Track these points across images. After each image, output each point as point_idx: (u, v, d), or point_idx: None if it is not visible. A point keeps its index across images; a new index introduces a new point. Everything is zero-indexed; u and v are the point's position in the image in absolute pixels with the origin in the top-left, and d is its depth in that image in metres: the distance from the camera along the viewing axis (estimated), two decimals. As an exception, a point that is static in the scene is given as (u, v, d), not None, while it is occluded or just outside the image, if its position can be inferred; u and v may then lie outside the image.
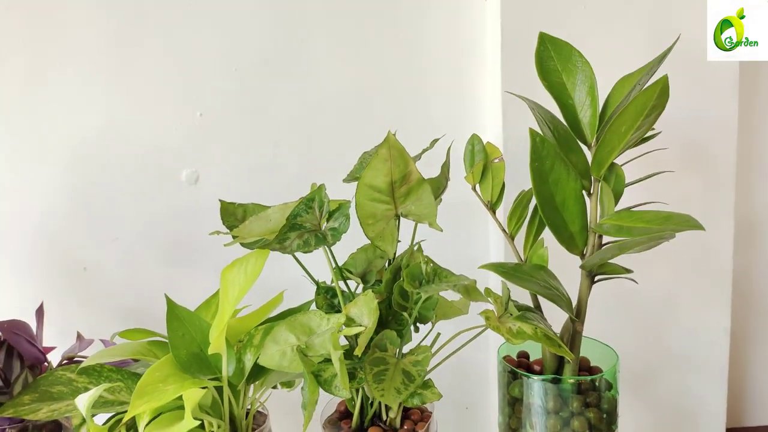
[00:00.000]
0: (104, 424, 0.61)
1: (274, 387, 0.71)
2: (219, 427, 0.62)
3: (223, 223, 0.68)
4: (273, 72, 0.84)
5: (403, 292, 0.58)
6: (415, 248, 0.61)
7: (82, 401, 0.55)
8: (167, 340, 0.67)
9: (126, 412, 0.61)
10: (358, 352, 0.57)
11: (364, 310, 0.57)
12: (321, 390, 0.57)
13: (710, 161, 0.83)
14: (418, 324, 0.60)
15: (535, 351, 0.71)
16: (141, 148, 0.85)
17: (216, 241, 0.85)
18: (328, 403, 0.71)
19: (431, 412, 0.69)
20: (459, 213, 0.78)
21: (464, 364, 0.93)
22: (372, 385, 0.54)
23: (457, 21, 0.83)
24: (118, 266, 0.86)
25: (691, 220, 0.52)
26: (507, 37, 0.77)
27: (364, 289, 0.60)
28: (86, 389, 0.62)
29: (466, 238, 0.87)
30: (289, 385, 0.72)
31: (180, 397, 0.58)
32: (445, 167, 0.66)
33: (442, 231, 0.57)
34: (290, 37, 0.83)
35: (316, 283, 0.68)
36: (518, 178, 0.66)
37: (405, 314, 0.58)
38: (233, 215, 0.68)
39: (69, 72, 0.81)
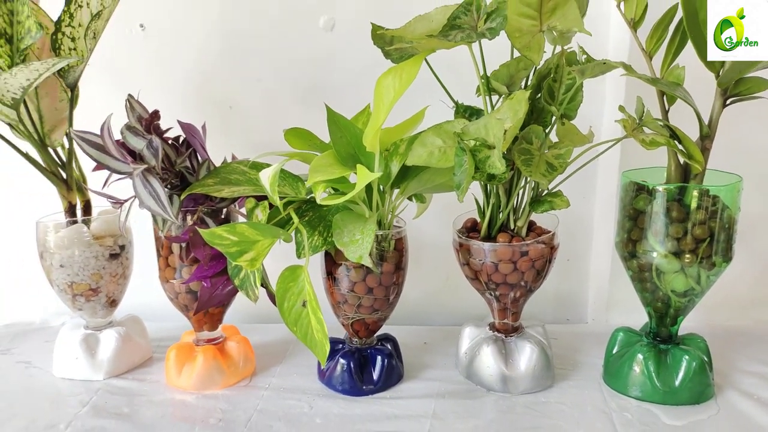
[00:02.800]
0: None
1: (409, 199, 0.78)
2: (369, 216, 0.70)
3: (375, 44, 0.74)
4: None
5: (550, 91, 0.63)
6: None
7: (266, 174, 0.64)
8: (320, 153, 0.75)
9: (289, 202, 0.71)
10: (503, 147, 0.63)
11: (509, 114, 0.63)
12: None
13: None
14: (563, 119, 0.65)
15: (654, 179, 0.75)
16: (283, -5, 0.92)
17: (348, 83, 0.93)
18: (457, 218, 0.79)
19: (553, 232, 0.75)
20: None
21: (569, 220, 0.99)
22: (522, 167, 0.60)
23: None
24: (260, 105, 0.95)
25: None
26: None
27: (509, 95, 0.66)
28: (257, 180, 0.71)
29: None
30: (421, 199, 0.80)
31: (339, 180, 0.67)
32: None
33: (591, 35, 0.61)
34: None
35: (456, 103, 0.75)
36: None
37: (553, 108, 0.63)
38: (382, 38, 0.75)
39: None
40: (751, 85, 0.64)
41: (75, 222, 0.79)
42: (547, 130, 0.64)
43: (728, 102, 0.67)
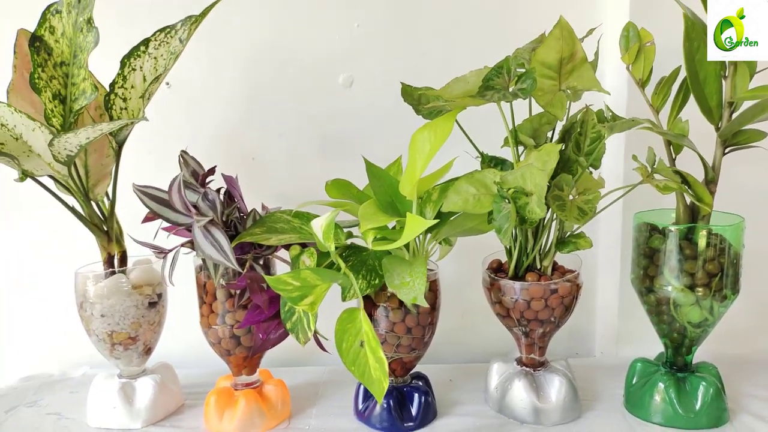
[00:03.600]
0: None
1: (440, 242, 0.84)
2: (412, 259, 0.75)
3: (405, 101, 0.81)
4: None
5: (577, 144, 0.70)
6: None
7: (318, 224, 0.68)
8: (357, 202, 0.80)
9: (335, 247, 0.75)
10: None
11: (537, 164, 0.70)
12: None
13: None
14: (590, 169, 0.72)
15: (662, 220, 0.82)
16: (305, 54, 0.98)
17: (365, 139, 0.99)
18: (484, 258, 0.84)
19: (577, 271, 0.81)
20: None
21: (575, 257, 1.05)
22: (557, 212, 0.66)
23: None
24: (282, 158, 1.00)
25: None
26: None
27: (535, 147, 0.72)
28: (301, 228, 0.76)
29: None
30: (448, 242, 0.85)
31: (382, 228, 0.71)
32: (597, 56, 0.78)
33: (609, 94, 0.68)
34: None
35: (481, 154, 0.81)
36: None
37: (581, 159, 0.70)
38: (411, 96, 0.81)
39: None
40: (749, 136, 0.72)
41: (114, 272, 0.81)
42: (574, 179, 0.71)
43: (727, 151, 0.75)
